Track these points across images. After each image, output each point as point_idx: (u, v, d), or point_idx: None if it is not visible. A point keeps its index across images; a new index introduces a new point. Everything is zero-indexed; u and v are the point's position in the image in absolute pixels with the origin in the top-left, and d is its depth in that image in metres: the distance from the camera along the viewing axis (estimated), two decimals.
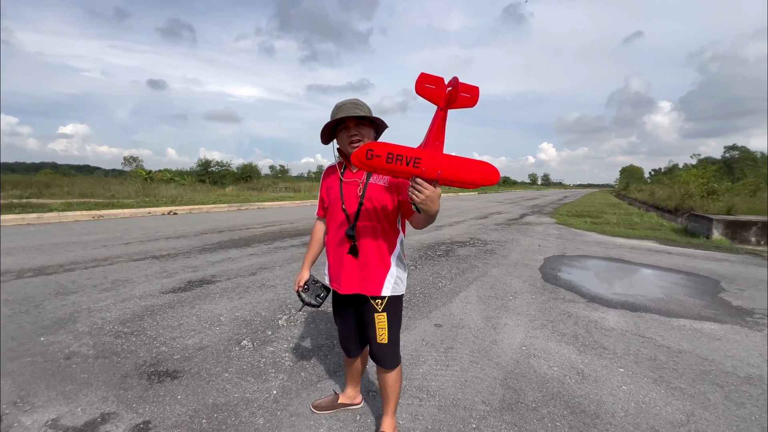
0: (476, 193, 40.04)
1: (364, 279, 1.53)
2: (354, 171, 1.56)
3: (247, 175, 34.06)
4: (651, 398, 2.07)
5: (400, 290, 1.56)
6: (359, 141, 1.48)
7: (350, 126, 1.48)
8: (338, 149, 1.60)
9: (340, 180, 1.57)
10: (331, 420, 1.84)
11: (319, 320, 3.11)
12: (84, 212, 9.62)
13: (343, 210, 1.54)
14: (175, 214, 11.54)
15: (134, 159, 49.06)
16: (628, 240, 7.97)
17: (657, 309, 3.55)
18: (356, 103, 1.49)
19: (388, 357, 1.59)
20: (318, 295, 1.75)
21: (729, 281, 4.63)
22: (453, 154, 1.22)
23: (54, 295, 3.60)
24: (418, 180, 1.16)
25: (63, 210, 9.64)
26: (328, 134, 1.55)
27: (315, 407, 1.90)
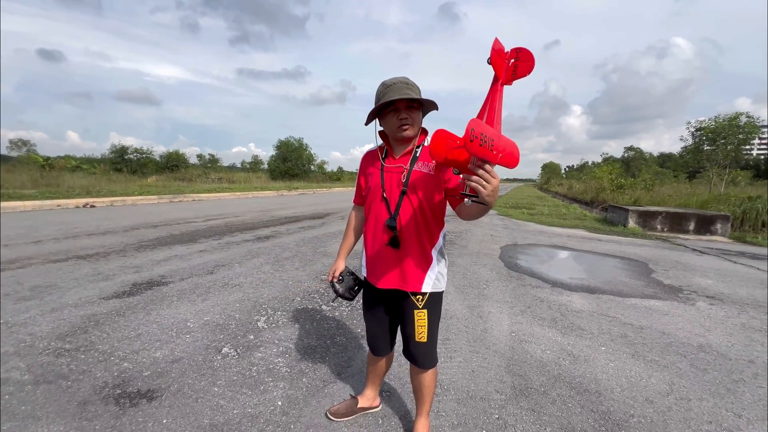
0: None
1: (404, 273, 1.41)
2: (397, 157, 1.42)
3: (172, 164, 30.95)
4: (636, 372, 2.27)
5: (441, 286, 1.46)
6: (409, 126, 1.34)
7: (400, 108, 1.33)
8: (381, 132, 1.44)
9: (382, 166, 1.42)
10: (353, 426, 1.69)
11: (302, 319, 2.89)
12: None
13: (384, 199, 1.40)
14: (92, 206, 9.97)
15: (24, 143, 41.30)
16: (563, 229, 8.80)
17: (610, 290, 3.94)
18: (407, 83, 1.33)
19: (427, 357, 1.50)
20: (351, 288, 1.61)
21: (654, 263, 5.34)
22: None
23: None
24: (488, 167, 0.99)
25: None
26: (373, 115, 1.39)
27: (332, 414, 1.74)
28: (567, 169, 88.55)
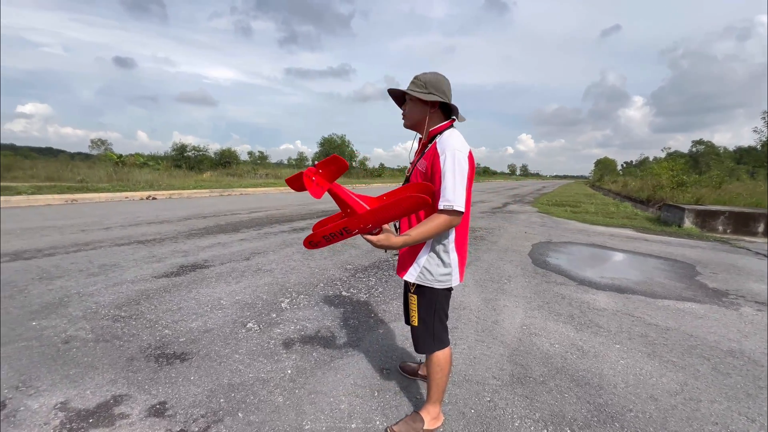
0: None
1: (401, 260, 1.55)
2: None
3: (225, 160, 33.07)
4: (647, 370, 2.21)
5: (428, 281, 1.46)
6: (404, 117, 1.52)
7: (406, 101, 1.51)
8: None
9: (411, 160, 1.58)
10: (351, 396, 1.86)
11: (322, 303, 3.11)
12: (56, 196, 9.11)
13: None
14: (154, 199, 11.11)
15: (102, 142, 46.61)
16: (607, 228, 8.31)
17: (642, 291, 3.75)
18: (414, 79, 1.44)
19: (418, 341, 1.57)
20: None
21: (703, 266, 4.93)
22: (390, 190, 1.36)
23: (38, 280, 3.43)
24: (363, 236, 1.29)
25: (33, 193, 9.09)
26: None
27: (401, 368, 2.08)
28: (624, 165, 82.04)
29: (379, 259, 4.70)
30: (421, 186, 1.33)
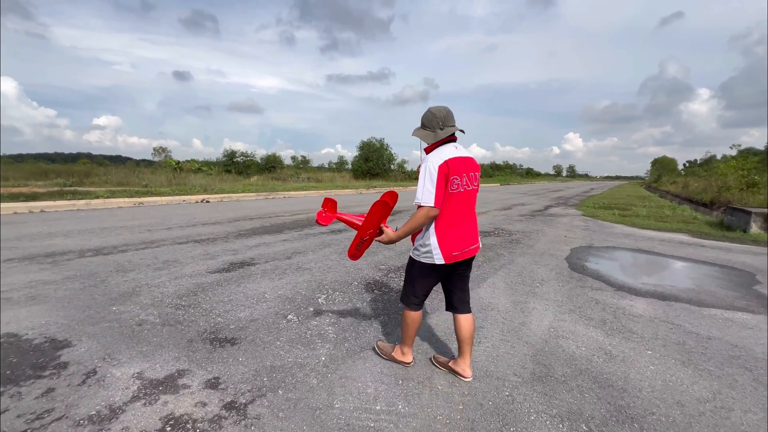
0: (498, 184, 39.45)
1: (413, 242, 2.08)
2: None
3: (270, 165, 34.84)
4: (678, 377, 2.17)
5: (415, 256, 2.00)
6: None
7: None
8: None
9: None
10: (377, 383, 2.04)
11: (355, 300, 3.33)
12: (126, 199, 10.25)
13: None
14: (207, 201, 12.08)
15: (163, 149, 51.12)
16: (659, 233, 7.80)
17: (687, 299, 3.57)
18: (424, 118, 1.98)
19: (402, 297, 2.12)
20: None
21: (765, 274, 4.54)
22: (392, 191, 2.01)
23: (115, 272, 3.98)
24: (375, 239, 2.05)
25: (108, 197, 10.30)
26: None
27: (434, 359, 2.30)
28: (687, 164, 75.03)
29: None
30: (388, 193, 1.96)
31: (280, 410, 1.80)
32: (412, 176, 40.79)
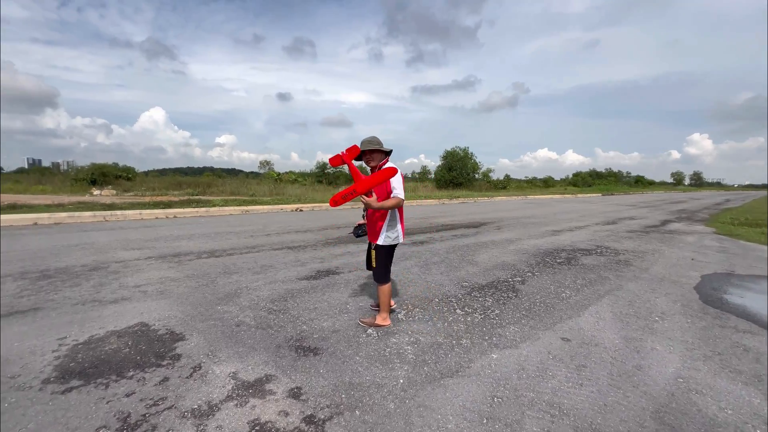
0: (600, 194, 35.12)
1: (371, 233, 2.90)
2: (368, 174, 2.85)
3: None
4: None
5: (385, 243, 2.83)
6: (370, 161, 2.84)
7: (366, 153, 2.83)
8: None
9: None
10: (458, 418, 1.87)
11: (436, 318, 3.18)
12: (236, 207, 11.75)
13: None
14: (301, 210, 13.16)
15: (267, 163, 57.88)
16: None
17: None
18: (371, 141, 2.81)
19: (375, 275, 2.95)
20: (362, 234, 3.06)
21: None
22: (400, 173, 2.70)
23: (222, 274, 4.51)
24: (362, 198, 2.64)
25: (222, 205, 11.95)
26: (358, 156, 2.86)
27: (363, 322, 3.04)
28: None
29: (498, 279, 4.50)
30: (389, 169, 2.59)
31: None
32: (498, 186, 38.83)
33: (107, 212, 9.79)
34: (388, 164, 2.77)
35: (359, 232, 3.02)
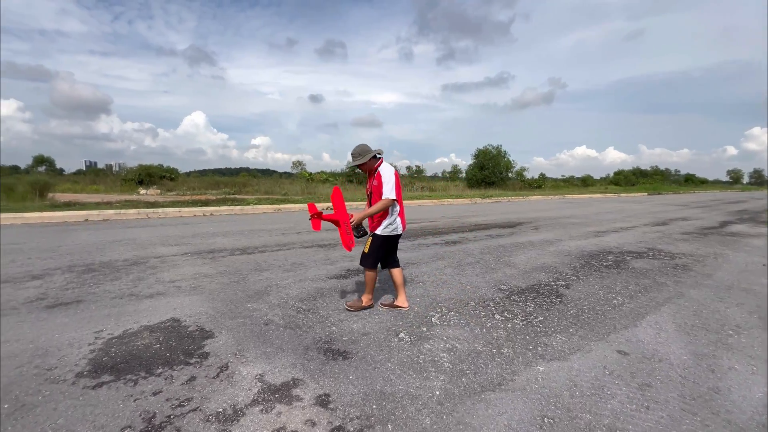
0: (646, 193, 32.87)
1: (371, 224, 3.10)
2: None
3: None
4: None
5: (381, 232, 2.99)
6: (364, 168, 3.04)
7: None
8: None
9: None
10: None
11: (473, 323, 2.96)
12: (269, 206, 11.98)
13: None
14: (331, 209, 13.22)
15: (299, 163, 59.30)
16: None
17: None
18: (356, 154, 2.99)
19: (362, 259, 3.09)
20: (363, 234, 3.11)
21: None
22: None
23: (253, 271, 4.51)
24: (347, 226, 2.97)
25: (256, 204, 12.23)
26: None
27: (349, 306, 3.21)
28: None
29: (539, 282, 4.18)
30: (334, 191, 3.08)
31: None
32: (532, 185, 37.38)
33: (150, 210, 10.28)
34: (384, 165, 2.96)
35: (360, 232, 3.03)
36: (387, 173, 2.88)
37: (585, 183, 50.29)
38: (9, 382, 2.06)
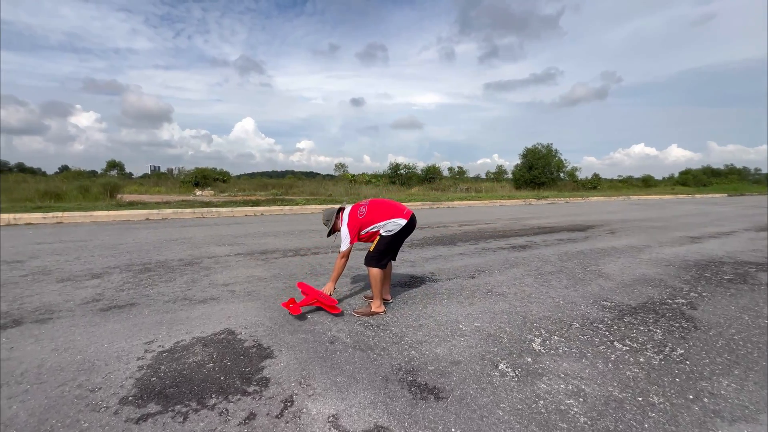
0: (726, 194, 29.18)
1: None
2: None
3: (430, 176, 35.74)
4: None
5: (386, 234, 2.92)
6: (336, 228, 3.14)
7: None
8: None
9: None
10: None
11: (590, 354, 2.29)
12: (317, 206, 11.83)
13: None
14: None
15: (342, 165, 60.02)
16: None
17: None
18: (325, 222, 3.14)
19: (367, 259, 2.96)
20: None
21: None
22: None
23: (309, 275, 4.13)
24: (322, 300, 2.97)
25: (304, 204, 12.14)
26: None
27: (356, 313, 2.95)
28: None
29: (650, 299, 3.38)
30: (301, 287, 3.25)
31: None
32: (587, 185, 34.75)
33: (204, 209, 10.48)
34: (343, 220, 3.00)
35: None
36: (344, 231, 2.93)
37: (646, 183, 45.90)
38: (49, 405, 1.75)
